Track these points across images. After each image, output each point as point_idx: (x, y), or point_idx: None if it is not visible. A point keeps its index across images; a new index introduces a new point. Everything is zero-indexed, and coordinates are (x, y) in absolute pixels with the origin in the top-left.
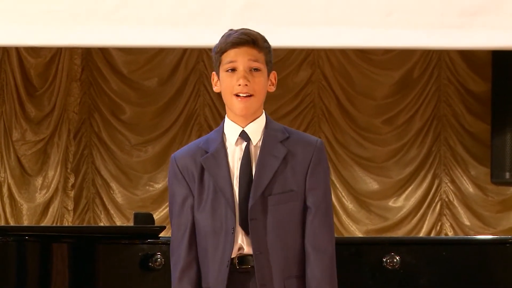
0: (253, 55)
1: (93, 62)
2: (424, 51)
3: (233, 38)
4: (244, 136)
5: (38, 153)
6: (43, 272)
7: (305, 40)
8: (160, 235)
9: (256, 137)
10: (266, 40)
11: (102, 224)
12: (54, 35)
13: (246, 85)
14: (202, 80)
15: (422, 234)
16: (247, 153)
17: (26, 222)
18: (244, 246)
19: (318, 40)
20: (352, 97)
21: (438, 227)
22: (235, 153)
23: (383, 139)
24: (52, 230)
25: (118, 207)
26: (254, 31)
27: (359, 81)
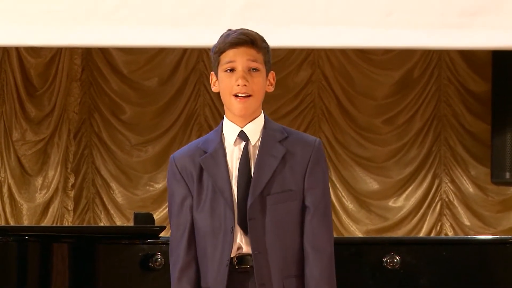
0: (251, 55)
1: (93, 62)
2: (424, 51)
3: (232, 38)
4: (242, 136)
5: (38, 153)
6: (43, 272)
7: (305, 40)
8: (160, 235)
9: (254, 137)
10: (264, 40)
11: (102, 224)
12: (54, 35)
13: (245, 85)
14: (202, 80)
15: (422, 234)
16: (245, 153)
17: (26, 222)
18: (243, 246)
19: (318, 40)
20: (352, 97)
21: (438, 227)
22: (233, 153)
23: (383, 139)
24: (52, 230)
25: (118, 207)
26: (253, 31)
27: (359, 81)
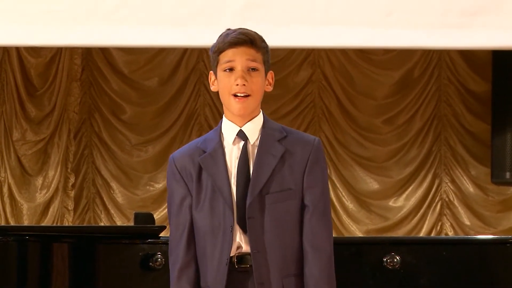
0: (251, 54)
1: (93, 62)
2: (425, 51)
3: (231, 38)
4: (241, 135)
5: (38, 153)
6: (43, 272)
7: (305, 40)
8: (160, 235)
9: (253, 136)
10: (263, 40)
11: (102, 224)
12: (54, 35)
13: (244, 85)
14: (202, 80)
15: (422, 234)
16: (244, 152)
17: (26, 222)
18: (242, 245)
19: (318, 40)
20: (353, 97)
21: (439, 227)
22: (232, 152)
23: (383, 139)
24: (53, 230)
25: (119, 207)
26: (252, 31)
27: (359, 81)
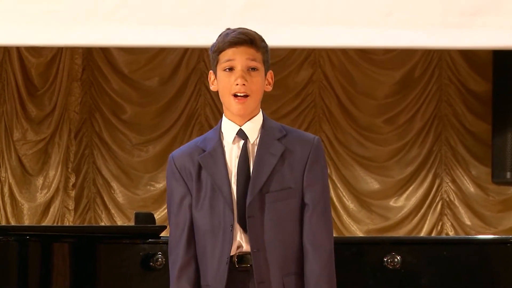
0: (251, 54)
1: (94, 62)
2: (425, 51)
3: (231, 38)
4: (241, 135)
5: (39, 152)
6: (44, 271)
7: (305, 40)
8: (161, 234)
9: (253, 135)
10: (263, 39)
11: (103, 223)
12: (54, 35)
13: (244, 84)
14: (203, 79)
15: (423, 233)
16: (244, 151)
17: (27, 222)
18: (243, 244)
19: (318, 40)
20: (353, 96)
21: (439, 227)
22: (232, 151)
23: (384, 138)
24: (53, 229)
25: (119, 206)
26: (252, 31)
27: (360, 80)
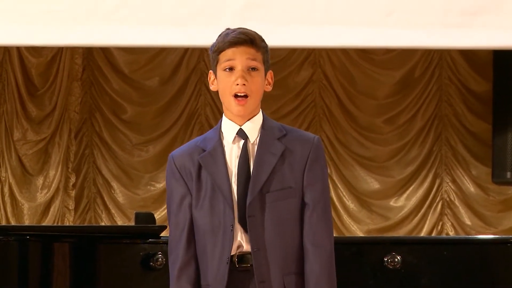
0: (251, 54)
1: (94, 62)
2: (425, 51)
3: (231, 38)
4: (241, 134)
5: (39, 152)
6: (44, 271)
7: (306, 40)
8: (161, 234)
9: (253, 135)
10: (263, 39)
11: (103, 223)
12: (54, 35)
13: (244, 84)
14: (203, 79)
15: (423, 233)
16: (245, 150)
17: (27, 222)
18: (243, 244)
19: (318, 40)
20: (354, 96)
21: (439, 227)
22: (232, 151)
23: (384, 138)
24: (53, 229)
25: (119, 206)
26: (252, 31)
27: (360, 80)
